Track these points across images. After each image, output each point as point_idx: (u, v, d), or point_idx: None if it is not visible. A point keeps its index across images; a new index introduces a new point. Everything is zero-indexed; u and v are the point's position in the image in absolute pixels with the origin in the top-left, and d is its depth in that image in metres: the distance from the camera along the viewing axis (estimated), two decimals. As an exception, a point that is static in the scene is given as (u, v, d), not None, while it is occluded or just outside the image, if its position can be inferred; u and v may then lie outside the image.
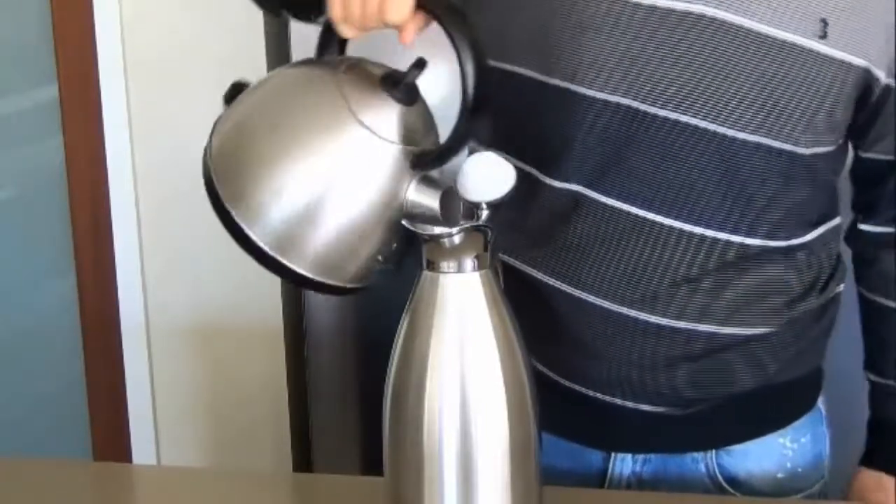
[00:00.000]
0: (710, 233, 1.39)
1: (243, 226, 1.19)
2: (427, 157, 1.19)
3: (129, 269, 2.60)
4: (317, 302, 2.39)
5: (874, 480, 1.53)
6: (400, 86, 1.19)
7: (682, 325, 1.40)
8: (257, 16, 2.35)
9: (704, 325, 1.41)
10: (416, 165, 1.18)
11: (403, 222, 1.20)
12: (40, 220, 2.77)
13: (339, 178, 1.18)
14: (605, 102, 1.37)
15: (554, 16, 1.38)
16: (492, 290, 1.19)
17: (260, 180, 1.18)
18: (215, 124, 1.25)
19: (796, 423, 1.53)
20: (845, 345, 2.46)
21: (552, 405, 1.27)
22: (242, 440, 2.62)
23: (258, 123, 1.21)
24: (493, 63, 1.32)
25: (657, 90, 1.36)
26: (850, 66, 1.37)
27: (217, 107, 1.31)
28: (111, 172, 2.59)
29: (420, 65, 1.19)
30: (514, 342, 1.19)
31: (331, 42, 1.26)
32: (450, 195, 1.18)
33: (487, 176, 1.21)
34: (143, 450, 2.62)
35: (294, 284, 1.22)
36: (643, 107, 1.36)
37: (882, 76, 1.39)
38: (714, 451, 1.49)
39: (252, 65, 2.35)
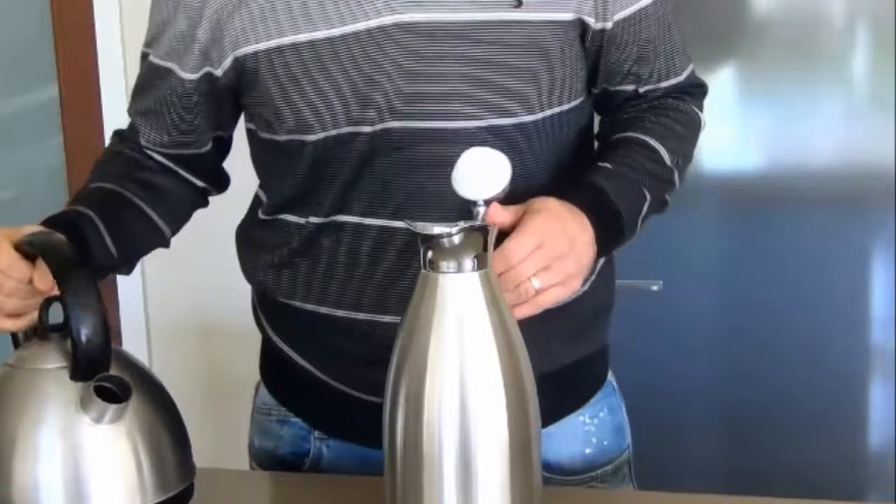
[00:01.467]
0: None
1: None
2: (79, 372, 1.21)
3: (129, 269, 2.60)
4: (317, 302, 2.39)
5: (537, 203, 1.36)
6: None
7: None
8: (257, 16, 2.34)
9: None
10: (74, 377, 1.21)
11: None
12: (40, 220, 2.77)
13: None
14: (342, 136, 1.40)
15: (282, 81, 1.41)
16: (491, 290, 1.19)
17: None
18: None
19: (591, 401, 1.55)
20: (761, 332, 2.47)
21: (364, 419, 1.30)
22: (242, 440, 2.62)
23: None
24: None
25: (383, 107, 1.39)
26: (555, 23, 1.40)
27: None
28: (111, 172, 2.59)
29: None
30: (514, 342, 1.19)
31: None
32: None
33: (482, 171, 1.22)
34: (143, 450, 2.62)
35: None
36: (375, 128, 1.39)
37: (592, 22, 1.42)
38: None
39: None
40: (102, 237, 1.46)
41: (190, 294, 2.60)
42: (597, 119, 1.57)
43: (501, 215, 1.26)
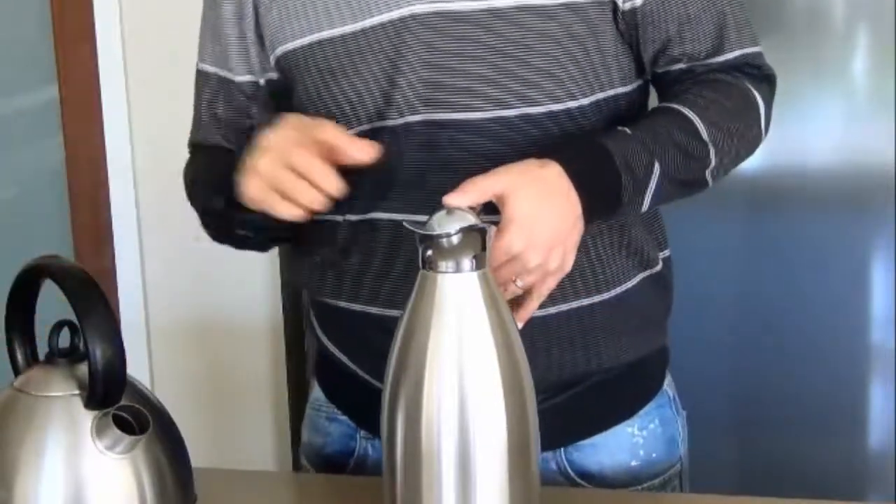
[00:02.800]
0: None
1: None
2: (95, 399, 1.19)
3: (129, 269, 2.61)
4: (317, 302, 2.39)
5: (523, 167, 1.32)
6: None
7: None
8: (257, 16, 2.34)
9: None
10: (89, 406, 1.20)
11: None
12: (40, 220, 2.77)
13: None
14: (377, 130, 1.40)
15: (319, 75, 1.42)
16: (490, 290, 1.18)
17: None
18: None
19: (642, 411, 1.51)
20: (760, 332, 2.47)
21: None
22: (243, 440, 2.62)
23: None
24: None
25: (407, 100, 1.38)
26: (576, 5, 1.37)
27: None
28: (111, 172, 2.60)
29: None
30: (513, 342, 1.19)
31: None
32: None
33: (453, 225, 1.19)
34: (143, 450, 2.62)
35: None
36: (400, 121, 1.38)
37: (620, 2, 1.39)
38: (562, 449, 1.48)
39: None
40: None
41: (190, 294, 2.60)
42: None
43: (460, 200, 1.24)
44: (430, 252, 1.18)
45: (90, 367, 1.17)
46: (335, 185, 1.27)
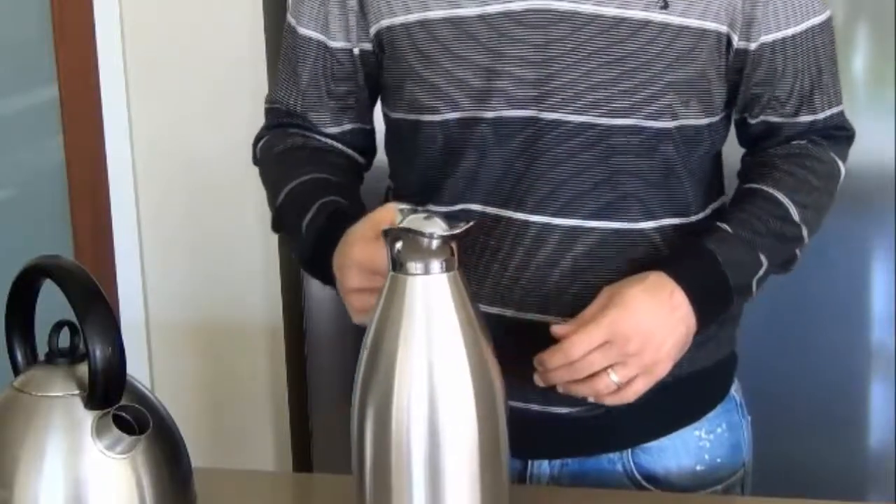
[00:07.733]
0: (589, 223, 1.39)
1: None
2: (96, 397, 1.19)
3: (129, 269, 2.60)
4: (317, 302, 2.39)
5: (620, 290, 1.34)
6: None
7: None
8: (257, 16, 2.35)
9: None
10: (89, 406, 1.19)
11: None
12: (40, 220, 2.77)
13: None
14: (466, 119, 1.39)
15: (416, 57, 1.41)
16: (459, 292, 1.18)
17: None
18: None
19: (710, 415, 1.51)
20: (761, 332, 2.47)
21: None
22: (242, 440, 2.62)
23: None
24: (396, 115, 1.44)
25: (507, 93, 1.37)
26: (698, 31, 1.37)
27: (217, 105, 1.31)
28: (111, 172, 2.59)
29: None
30: (482, 343, 1.19)
31: None
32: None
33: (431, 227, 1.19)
34: (143, 450, 2.62)
35: None
36: (499, 113, 1.38)
37: (735, 39, 1.39)
38: (630, 450, 1.48)
39: (252, 65, 2.35)
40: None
41: (190, 294, 2.60)
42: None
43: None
44: (399, 254, 1.18)
45: (90, 367, 1.17)
46: None
